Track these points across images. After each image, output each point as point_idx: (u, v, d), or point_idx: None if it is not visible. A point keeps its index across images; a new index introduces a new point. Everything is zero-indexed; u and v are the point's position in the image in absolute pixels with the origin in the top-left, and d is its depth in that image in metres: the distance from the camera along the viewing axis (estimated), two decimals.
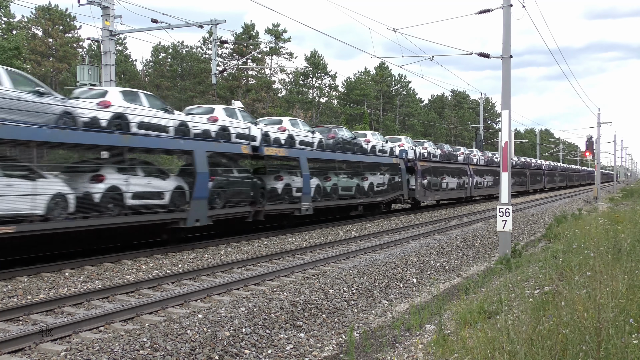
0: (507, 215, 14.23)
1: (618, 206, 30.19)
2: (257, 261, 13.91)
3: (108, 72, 19.30)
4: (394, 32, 18.31)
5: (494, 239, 18.48)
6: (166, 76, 58.74)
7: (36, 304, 9.05)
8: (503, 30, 14.83)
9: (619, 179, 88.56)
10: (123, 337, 7.10)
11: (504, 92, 14.95)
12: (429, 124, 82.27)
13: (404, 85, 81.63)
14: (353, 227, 22.02)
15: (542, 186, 58.08)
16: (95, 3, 18.90)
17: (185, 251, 14.92)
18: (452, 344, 6.12)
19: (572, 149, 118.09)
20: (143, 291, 10.55)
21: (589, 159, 67.76)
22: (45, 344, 7.29)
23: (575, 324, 4.61)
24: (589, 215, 22.78)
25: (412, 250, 15.07)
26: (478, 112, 68.51)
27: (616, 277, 6.00)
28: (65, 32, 52.13)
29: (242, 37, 54.26)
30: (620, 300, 5.11)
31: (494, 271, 12.70)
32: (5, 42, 34.49)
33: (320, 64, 62.38)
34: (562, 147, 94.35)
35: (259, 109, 52.83)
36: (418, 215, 28.63)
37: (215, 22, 21.45)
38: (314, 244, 17.07)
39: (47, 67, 48.06)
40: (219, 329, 7.62)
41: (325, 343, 8.22)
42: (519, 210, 29.30)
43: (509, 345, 4.56)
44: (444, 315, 8.45)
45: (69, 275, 11.59)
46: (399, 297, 11.24)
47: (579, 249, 9.79)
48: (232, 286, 10.95)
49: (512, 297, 7.54)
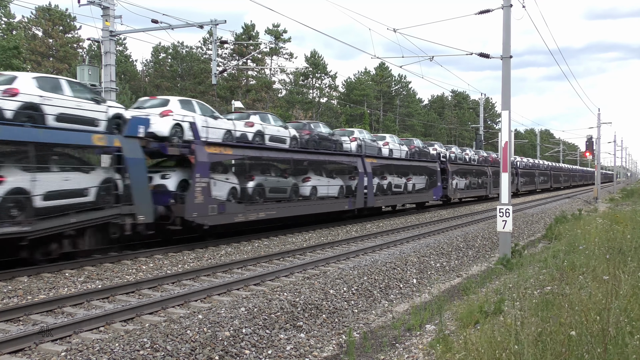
0: (507, 216, 14.23)
1: (618, 206, 30.18)
2: (257, 261, 13.90)
3: (108, 73, 19.30)
4: (394, 33, 18.31)
5: (494, 239, 18.48)
6: (166, 76, 58.77)
7: (36, 304, 9.04)
8: (503, 30, 14.82)
9: (618, 179, 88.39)
10: (123, 338, 7.10)
11: (504, 92, 14.95)
12: (429, 124, 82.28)
13: (404, 86, 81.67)
14: (353, 228, 22.02)
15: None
16: (95, 3, 18.89)
17: (185, 251, 14.92)
18: (452, 344, 6.12)
19: (572, 149, 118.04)
20: (143, 291, 10.55)
21: (589, 159, 67.93)
22: (46, 344, 7.29)
23: (582, 326, 4.59)
24: (589, 216, 22.78)
25: (412, 251, 15.06)
26: (478, 112, 68.49)
27: (619, 278, 6.00)
28: (66, 33, 52.12)
29: (242, 37, 54.29)
30: (622, 301, 5.10)
31: (494, 271, 12.70)
32: (5, 42, 34.50)
33: (320, 64, 62.41)
34: (562, 147, 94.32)
35: (259, 109, 52.82)
36: (418, 215, 28.65)
37: (215, 23, 21.44)
38: (314, 244, 17.06)
39: (47, 68, 48.04)
40: (219, 329, 7.61)
41: (326, 343, 8.21)
42: (519, 211, 29.31)
43: (515, 345, 4.54)
44: (445, 315, 8.45)
45: (69, 275, 11.59)
46: (399, 297, 11.24)
47: (580, 250, 9.79)
48: (232, 286, 10.94)
49: (514, 297, 7.53)
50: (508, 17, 14.78)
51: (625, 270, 6.83)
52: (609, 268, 6.74)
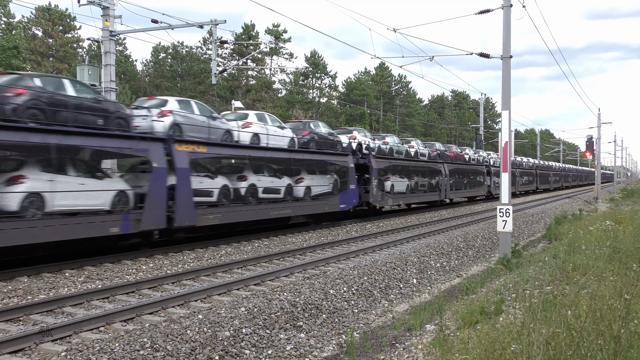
0: (507, 216, 14.23)
1: (618, 206, 30.18)
2: (258, 261, 13.90)
3: (108, 73, 19.30)
4: (394, 33, 18.32)
5: (494, 239, 18.47)
6: (166, 76, 58.76)
7: (36, 304, 9.04)
8: (503, 30, 14.82)
9: (618, 179, 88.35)
10: (123, 338, 7.09)
11: (504, 92, 14.95)
12: (429, 124, 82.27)
13: (404, 86, 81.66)
14: (353, 228, 22.02)
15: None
16: (95, 3, 18.89)
17: (185, 251, 14.91)
18: (452, 344, 6.11)
19: (572, 149, 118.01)
20: (143, 291, 10.55)
21: (589, 159, 67.80)
22: (46, 344, 7.29)
23: (589, 327, 4.56)
24: (590, 216, 22.78)
25: (412, 251, 15.06)
26: (478, 112, 68.51)
27: (624, 278, 5.97)
28: (65, 33, 52.12)
29: (242, 37, 54.28)
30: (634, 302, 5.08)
31: (494, 271, 12.70)
32: (4, 42, 34.47)
33: (320, 64, 62.40)
34: (562, 147, 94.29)
35: (259, 110, 52.82)
36: (418, 215, 28.64)
37: (215, 23, 21.45)
38: (314, 244, 17.06)
39: (47, 68, 48.03)
40: (219, 329, 7.61)
41: (326, 343, 8.21)
42: (519, 211, 29.30)
43: (521, 346, 4.52)
44: (445, 315, 8.44)
45: (69, 275, 11.58)
46: (399, 297, 11.23)
47: (580, 250, 9.79)
48: (232, 286, 10.94)
49: (514, 297, 7.52)
50: (508, 17, 14.78)
51: (633, 270, 6.80)
52: (616, 268, 6.70)
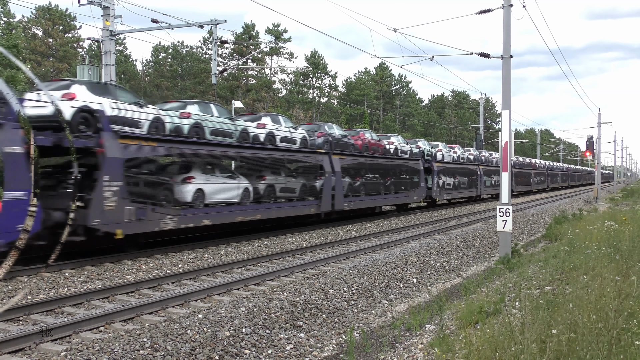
0: (507, 216, 14.23)
1: (618, 206, 30.18)
2: (257, 261, 13.90)
3: (108, 72, 19.30)
4: (394, 32, 18.32)
5: (494, 239, 18.47)
6: (166, 76, 58.74)
7: (36, 304, 9.04)
8: (503, 30, 14.82)
9: (618, 178, 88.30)
10: (123, 337, 7.09)
11: (504, 92, 14.95)
12: (429, 124, 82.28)
13: (404, 85, 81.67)
14: (353, 227, 22.01)
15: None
16: (95, 3, 18.89)
17: (185, 251, 14.90)
18: (452, 344, 6.11)
19: (572, 149, 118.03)
20: (143, 291, 10.54)
21: (589, 159, 67.79)
22: (46, 344, 7.28)
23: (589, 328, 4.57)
24: (590, 215, 22.77)
25: (412, 250, 15.06)
26: (478, 112, 68.51)
27: (625, 278, 5.97)
28: (66, 32, 52.14)
29: (242, 37, 54.26)
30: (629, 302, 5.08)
31: (494, 271, 12.70)
32: (4, 41, 34.46)
33: (320, 64, 62.40)
34: (563, 147, 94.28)
35: (259, 109, 52.81)
36: (418, 215, 28.64)
37: (215, 22, 21.44)
38: (314, 244, 17.05)
39: (47, 67, 48.03)
40: (219, 329, 7.61)
41: (326, 343, 8.21)
42: (519, 210, 29.30)
43: (521, 346, 4.52)
44: (445, 315, 8.44)
45: (69, 275, 11.58)
46: (399, 297, 11.23)
47: (581, 250, 9.79)
48: (232, 286, 10.93)
49: (513, 297, 7.52)
50: (508, 17, 14.78)
51: (634, 270, 6.80)
52: (618, 268, 6.70)
